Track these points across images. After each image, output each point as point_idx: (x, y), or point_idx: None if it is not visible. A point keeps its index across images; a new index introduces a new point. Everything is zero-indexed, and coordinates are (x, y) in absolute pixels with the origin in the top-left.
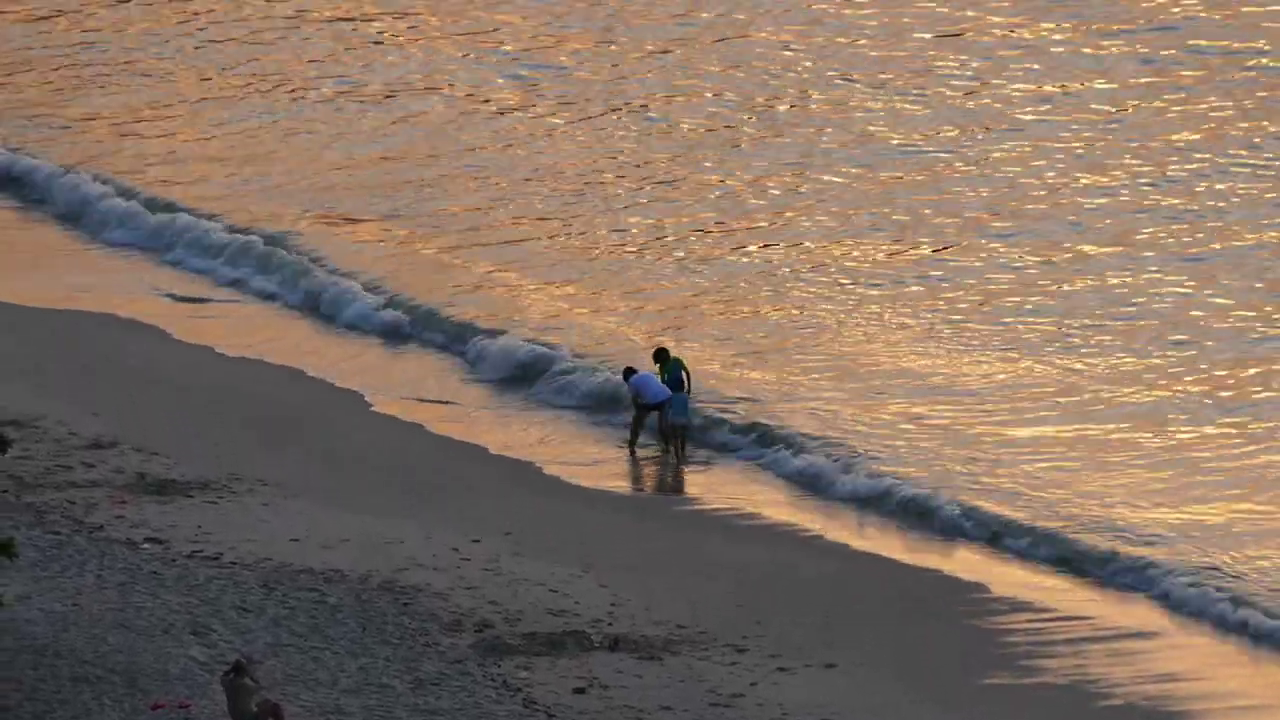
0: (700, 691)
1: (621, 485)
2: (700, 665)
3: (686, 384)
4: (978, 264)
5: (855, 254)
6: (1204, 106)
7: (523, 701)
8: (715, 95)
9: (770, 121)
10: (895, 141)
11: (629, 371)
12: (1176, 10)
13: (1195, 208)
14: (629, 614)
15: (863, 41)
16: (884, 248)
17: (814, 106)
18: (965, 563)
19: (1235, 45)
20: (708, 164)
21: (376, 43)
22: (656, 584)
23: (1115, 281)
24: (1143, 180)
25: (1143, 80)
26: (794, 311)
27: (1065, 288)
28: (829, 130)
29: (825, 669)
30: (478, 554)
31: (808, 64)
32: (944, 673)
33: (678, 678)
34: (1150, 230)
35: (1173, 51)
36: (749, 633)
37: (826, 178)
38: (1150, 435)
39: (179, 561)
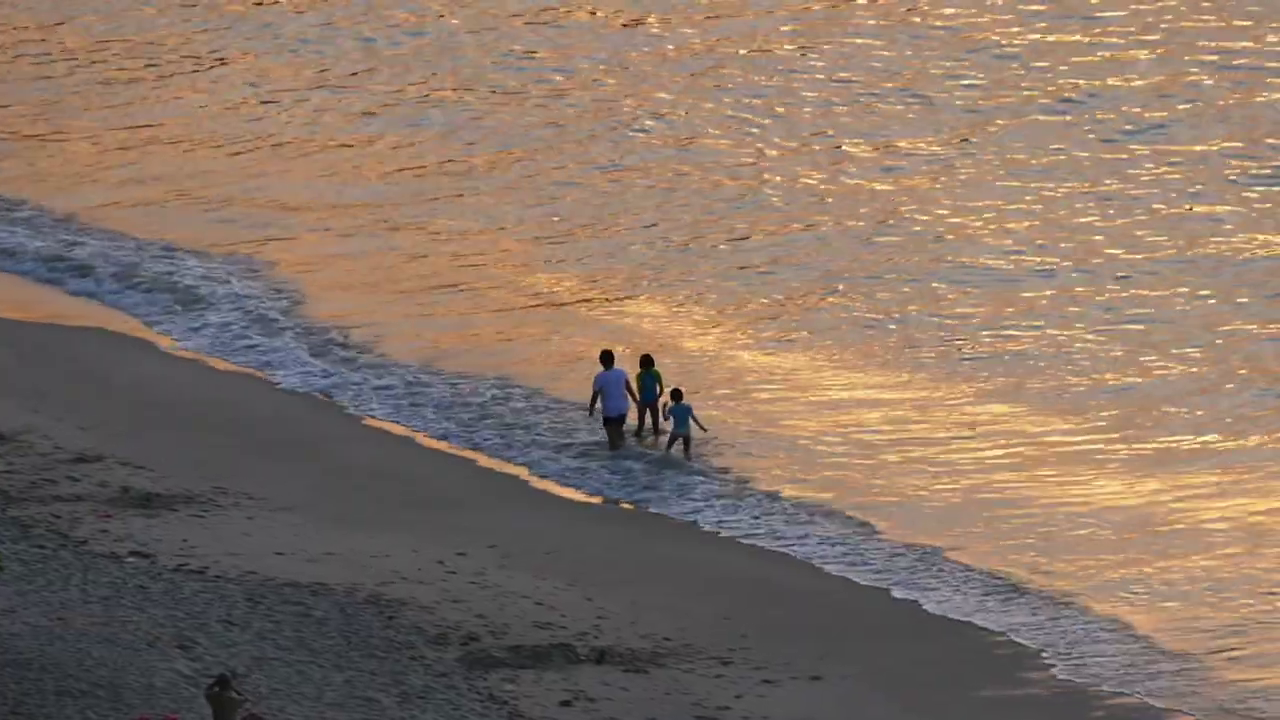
0: (686, 704)
1: (608, 498)
2: (686, 678)
3: (659, 395)
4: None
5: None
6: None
7: (508, 715)
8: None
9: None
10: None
11: (606, 357)
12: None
13: (1145, 261)
14: (615, 627)
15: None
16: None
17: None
18: (949, 584)
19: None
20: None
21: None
22: (642, 597)
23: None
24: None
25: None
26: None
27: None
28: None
29: (811, 681)
30: (464, 567)
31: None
32: (930, 685)
33: (663, 690)
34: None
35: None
36: (735, 645)
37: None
38: (1117, 479)
39: (164, 575)
